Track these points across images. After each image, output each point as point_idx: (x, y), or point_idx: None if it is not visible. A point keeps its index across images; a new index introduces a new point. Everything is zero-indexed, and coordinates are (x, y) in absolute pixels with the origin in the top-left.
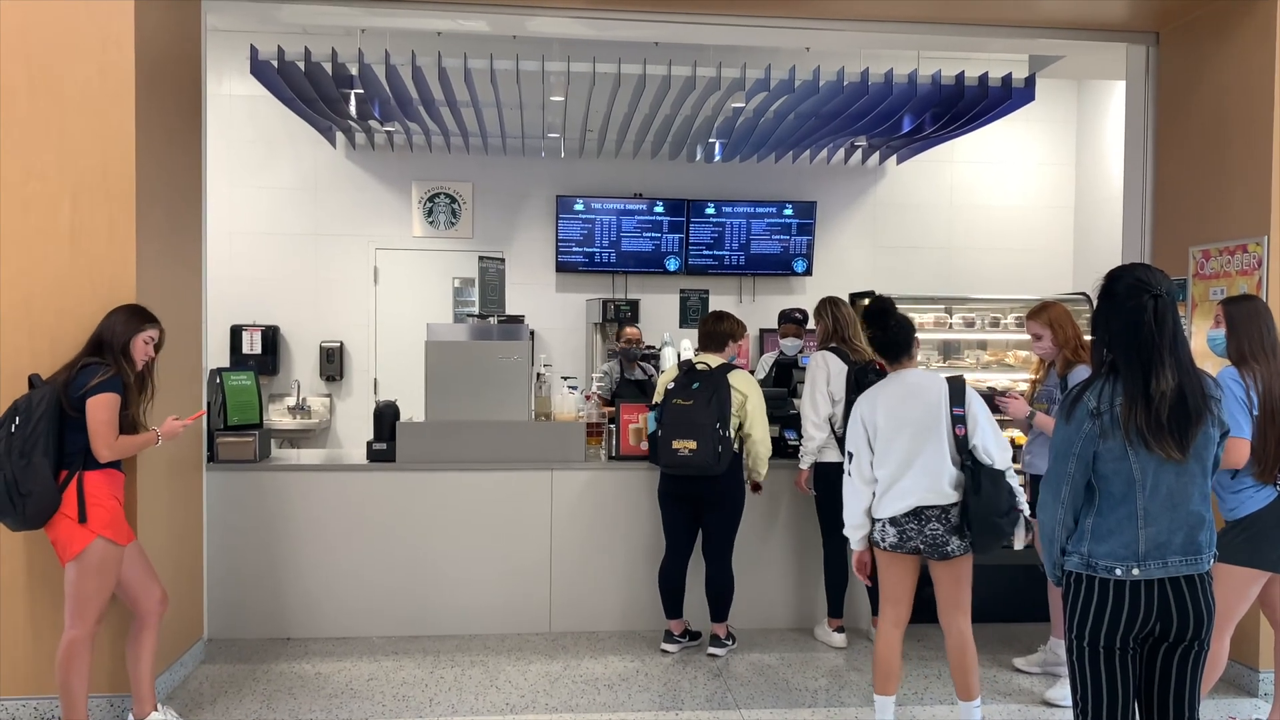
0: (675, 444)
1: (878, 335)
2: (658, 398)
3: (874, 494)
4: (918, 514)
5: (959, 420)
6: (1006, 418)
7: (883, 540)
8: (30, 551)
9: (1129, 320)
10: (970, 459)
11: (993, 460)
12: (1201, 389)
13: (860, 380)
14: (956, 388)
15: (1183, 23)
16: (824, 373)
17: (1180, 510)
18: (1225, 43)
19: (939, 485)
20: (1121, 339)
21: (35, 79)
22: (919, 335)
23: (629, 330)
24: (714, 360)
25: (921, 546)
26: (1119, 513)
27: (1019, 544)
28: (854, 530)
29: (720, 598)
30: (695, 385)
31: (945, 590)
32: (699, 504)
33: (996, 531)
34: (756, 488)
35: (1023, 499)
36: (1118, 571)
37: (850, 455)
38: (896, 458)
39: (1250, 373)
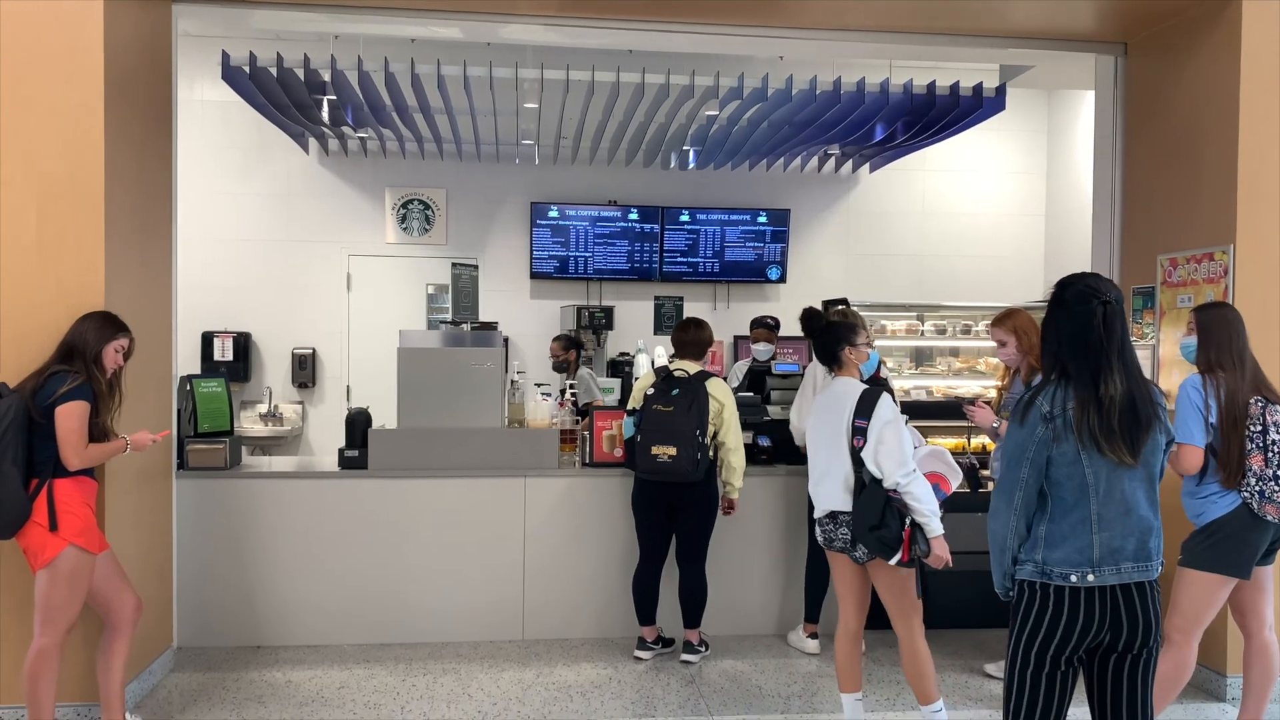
0: (655, 449)
1: (813, 343)
2: (635, 404)
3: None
4: (834, 516)
5: (859, 432)
6: (974, 425)
7: (820, 538)
8: None
9: (1079, 325)
10: (864, 470)
11: (881, 474)
12: (1150, 396)
13: None
14: (866, 399)
15: (1150, 34)
16: (811, 381)
17: (1132, 516)
18: (1192, 54)
19: (848, 494)
20: (1071, 344)
21: (2, 85)
22: (893, 343)
23: (552, 344)
24: (692, 367)
25: (842, 546)
26: (1071, 518)
27: (894, 560)
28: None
29: (694, 604)
30: (675, 391)
31: (883, 598)
32: (673, 510)
33: (869, 543)
34: (730, 507)
35: (923, 516)
36: (1073, 578)
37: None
38: (817, 462)
39: (1215, 380)
